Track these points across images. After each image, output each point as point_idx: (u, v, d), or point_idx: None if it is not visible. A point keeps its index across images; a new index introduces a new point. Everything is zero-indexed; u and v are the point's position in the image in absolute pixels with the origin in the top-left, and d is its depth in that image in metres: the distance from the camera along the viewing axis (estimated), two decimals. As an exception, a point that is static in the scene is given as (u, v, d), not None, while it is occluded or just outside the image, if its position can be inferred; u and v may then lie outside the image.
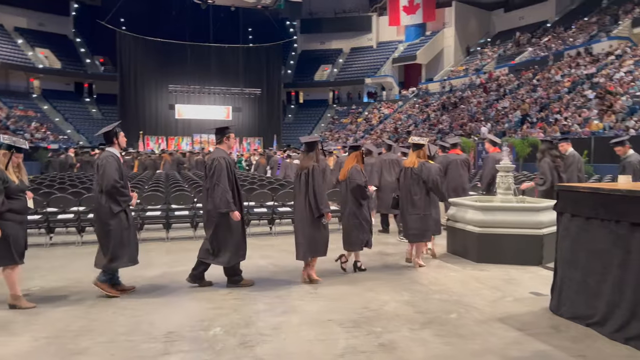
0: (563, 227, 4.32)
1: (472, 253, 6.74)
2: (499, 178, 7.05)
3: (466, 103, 37.25)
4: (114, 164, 5.19)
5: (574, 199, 4.16)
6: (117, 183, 5.12)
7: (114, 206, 5.14)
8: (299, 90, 54.14)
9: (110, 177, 5.09)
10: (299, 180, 5.84)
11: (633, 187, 3.89)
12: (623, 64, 28.16)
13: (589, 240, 4.02)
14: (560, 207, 4.36)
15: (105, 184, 5.10)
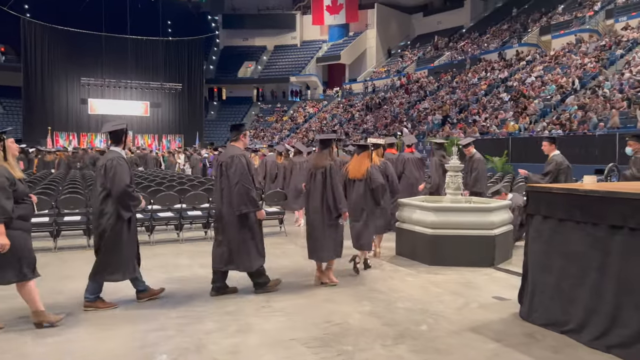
0: (534, 230, 4.16)
1: (424, 255, 6.55)
2: (448, 178, 6.91)
3: (389, 104, 38.03)
4: (125, 166, 4.79)
5: (546, 201, 4.01)
6: (129, 187, 4.73)
7: (123, 212, 4.72)
8: (222, 87, 52.76)
9: (122, 180, 4.68)
10: (313, 180, 5.62)
11: (611, 188, 3.79)
12: (534, 69, 29.92)
13: (563, 243, 3.87)
14: (531, 209, 4.20)
15: (117, 189, 4.66)
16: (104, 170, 4.72)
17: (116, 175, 4.67)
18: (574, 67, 26.99)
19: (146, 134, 43.48)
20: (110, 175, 4.67)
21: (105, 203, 4.71)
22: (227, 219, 5.14)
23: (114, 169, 4.68)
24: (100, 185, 4.74)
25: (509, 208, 6.95)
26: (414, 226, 6.74)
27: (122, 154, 4.88)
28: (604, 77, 24.19)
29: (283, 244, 8.16)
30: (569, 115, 22.11)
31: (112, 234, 4.69)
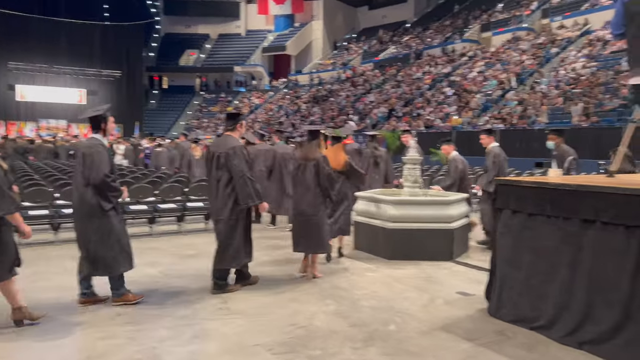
0: (503, 225, 4.08)
1: (383, 249, 6.42)
2: (406, 171, 6.81)
3: (335, 96, 38.00)
4: (105, 154, 4.54)
5: (516, 194, 3.93)
6: (107, 177, 4.48)
7: (103, 202, 4.47)
8: (163, 75, 50.94)
9: (100, 169, 4.44)
10: (302, 173, 5.48)
11: (584, 181, 3.75)
12: (475, 64, 30.74)
13: (533, 238, 3.81)
14: (500, 203, 4.12)
15: (94, 177, 4.43)
16: (83, 159, 4.50)
17: (94, 164, 4.43)
18: (513, 64, 27.92)
19: (82, 124, 41.22)
20: (88, 164, 4.45)
21: (86, 192, 4.47)
22: (230, 215, 4.94)
23: (91, 157, 4.45)
24: (80, 173, 4.52)
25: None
26: (372, 220, 6.60)
27: (102, 142, 4.61)
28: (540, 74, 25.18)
29: None
30: (510, 110, 22.86)
31: (99, 225, 4.46)
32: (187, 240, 7.76)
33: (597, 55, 23.72)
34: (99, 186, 4.43)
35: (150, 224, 8.06)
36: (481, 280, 5.37)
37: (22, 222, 3.95)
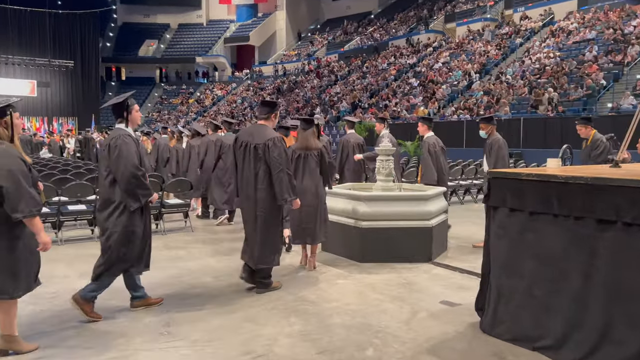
0: (498, 225, 3.45)
1: (355, 251, 5.74)
2: (379, 163, 6.13)
3: (300, 87, 37.30)
4: (132, 145, 4.03)
5: (514, 190, 3.30)
6: (137, 170, 3.97)
7: (131, 202, 3.94)
8: (121, 66, 49.32)
9: (129, 162, 3.93)
10: (302, 162, 5.35)
11: (600, 173, 3.14)
12: (440, 55, 30.53)
13: (536, 241, 3.19)
14: (494, 200, 3.47)
15: (122, 172, 3.92)
16: (108, 151, 3.99)
17: (121, 157, 3.92)
18: (477, 54, 27.79)
19: (34, 117, 39.11)
20: (114, 157, 3.94)
21: (112, 190, 3.97)
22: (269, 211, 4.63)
23: (118, 150, 3.93)
24: (106, 168, 4.01)
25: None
26: (342, 218, 5.91)
27: (128, 132, 4.12)
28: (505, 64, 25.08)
29: (191, 243, 6.98)
30: (476, 100, 22.63)
31: (121, 227, 3.95)
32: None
33: (561, 46, 23.75)
34: (127, 182, 3.91)
35: (92, 226, 7.12)
36: (466, 285, 4.78)
37: (41, 228, 3.24)
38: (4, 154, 3.10)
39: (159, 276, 5.01)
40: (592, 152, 6.42)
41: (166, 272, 5.28)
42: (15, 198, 3.04)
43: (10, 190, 3.03)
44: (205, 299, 4.52)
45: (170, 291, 4.69)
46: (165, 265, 5.58)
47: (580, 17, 25.48)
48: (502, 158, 6.49)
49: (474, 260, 5.78)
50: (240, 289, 4.78)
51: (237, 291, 4.74)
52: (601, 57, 20.43)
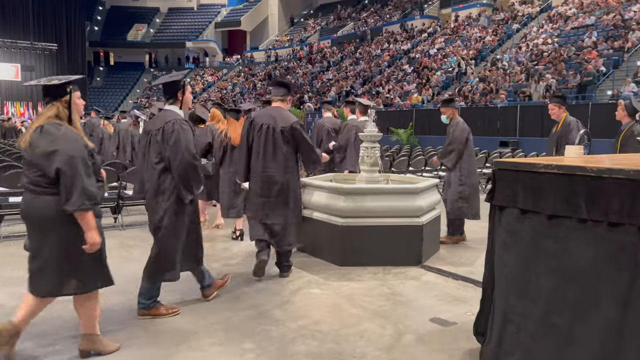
0: (506, 230, 2.69)
1: (333, 252, 4.99)
2: (363, 150, 5.34)
3: (292, 74, 36.45)
4: (189, 130, 3.69)
5: (529, 185, 2.53)
6: (195, 160, 3.63)
7: (184, 192, 3.60)
8: (109, 51, 48.18)
9: (187, 151, 3.57)
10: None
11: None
12: (435, 41, 29.75)
13: (556, 252, 2.44)
14: (500, 197, 2.71)
15: (180, 161, 3.54)
16: (162, 135, 3.56)
17: (179, 143, 3.52)
18: (473, 40, 27.06)
19: (18, 101, 37.96)
20: (172, 143, 3.52)
21: (164, 179, 3.58)
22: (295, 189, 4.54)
23: (176, 135, 3.52)
24: (157, 155, 3.58)
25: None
26: (318, 213, 5.14)
27: (181, 115, 3.71)
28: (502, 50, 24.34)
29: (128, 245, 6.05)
30: (471, 87, 21.90)
31: (171, 219, 3.58)
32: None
33: (559, 32, 23.04)
34: (184, 172, 3.53)
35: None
36: (461, 297, 4.04)
37: (92, 226, 2.80)
38: (65, 138, 2.73)
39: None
40: (562, 138, 5.68)
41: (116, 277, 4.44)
42: (69, 187, 2.67)
43: (67, 176, 2.67)
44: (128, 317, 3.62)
45: (119, 300, 3.90)
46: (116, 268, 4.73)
47: (579, 2, 24.70)
48: (459, 143, 5.80)
49: (470, 262, 5.05)
50: (187, 300, 3.95)
51: (182, 302, 3.91)
52: (601, 43, 19.77)
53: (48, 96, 2.79)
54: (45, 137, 2.71)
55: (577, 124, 5.70)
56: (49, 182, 2.73)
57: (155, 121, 3.71)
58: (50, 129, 2.72)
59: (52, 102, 2.78)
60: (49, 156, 2.68)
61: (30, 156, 2.76)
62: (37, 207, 2.76)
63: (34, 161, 2.74)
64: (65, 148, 2.69)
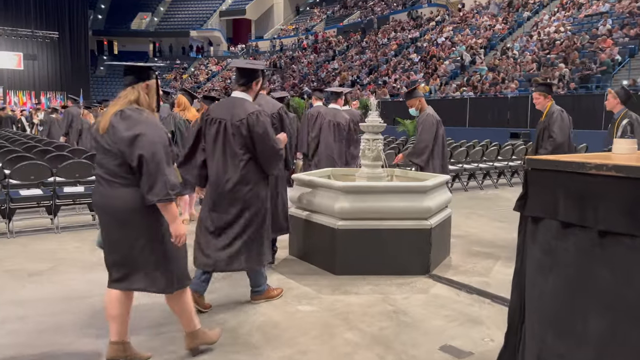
0: (542, 249, 2.06)
1: (328, 259, 4.37)
2: (364, 143, 4.73)
3: (297, 63, 35.83)
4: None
5: (573, 192, 1.92)
6: (282, 151, 3.57)
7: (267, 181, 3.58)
8: (113, 40, 47.76)
9: (276, 141, 3.50)
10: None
11: None
12: (443, 29, 29.00)
13: (613, 281, 1.83)
14: (534, 206, 2.08)
15: (269, 151, 3.46)
16: (247, 126, 3.40)
17: (267, 135, 3.43)
18: (483, 29, 26.28)
19: (20, 90, 37.57)
20: (260, 133, 3.39)
21: (249, 169, 3.45)
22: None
23: (263, 126, 3.42)
24: (241, 146, 3.43)
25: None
26: (312, 214, 4.54)
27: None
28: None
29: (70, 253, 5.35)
30: (480, 77, 21.18)
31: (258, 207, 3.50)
32: (51, 244, 5.33)
33: (572, 19, 22.25)
34: (275, 162, 3.49)
35: (4, 218, 5.70)
36: (477, 316, 3.44)
37: (177, 217, 2.60)
38: (148, 123, 2.55)
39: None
40: (545, 130, 5.21)
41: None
42: (153, 176, 2.48)
43: (151, 164, 2.48)
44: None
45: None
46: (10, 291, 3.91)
47: (594, -11, 23.83)
48: (430, 139, 5.42)
49: (485, 271, 4.44)
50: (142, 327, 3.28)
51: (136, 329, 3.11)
52: (615, 31, 18.98)
53: (131, 77, 2.62)
54: (127, 121, 2.51)
55: (561, 113, 5.23)
56: (129, 171, 2.53)
57: (227, 109, 3.44)
58: (132, 114, 2.54)
59: (133, 85, 2.61)
60: (132, 141, 2.47)
61: (108, 143, 2.54)
62: (117, 198, 2.54)
63: (114, 148, 2.52)
64: (148, 134, 2.49)
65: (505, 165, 10.33)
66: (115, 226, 2.58)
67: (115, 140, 2.50)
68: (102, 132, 2.55)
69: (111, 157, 2.54)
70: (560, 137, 5.11)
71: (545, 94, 5.34)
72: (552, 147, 5.11)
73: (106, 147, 2.54)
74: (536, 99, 5.42)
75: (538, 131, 5.40)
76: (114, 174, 2.54)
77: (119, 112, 2.55)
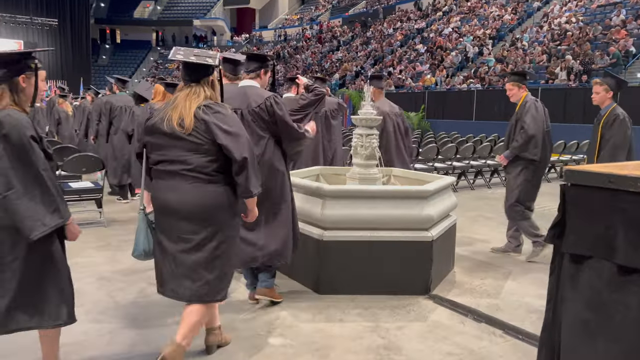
0: (586, 301, 1.38)
1: (310, 275, 3.73)
2: (356, 139, 4.08)
3: (301, 53, 35.20)
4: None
5: (638, 221, 1.30)
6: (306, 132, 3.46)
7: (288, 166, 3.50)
8: (116, 28, 47.33)
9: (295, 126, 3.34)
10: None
11: None
12: (450, 20, 28.28)
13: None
14: (575, 240, 1.44)
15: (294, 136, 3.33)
16: (266, 109, 3.28)
17: (286, 120, 3.26)
18: (491, 19, 25.53)
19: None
20: (281, 115, 3.25)
21: (274, 153, 3.29)
22: None
23: (283, 108, 3.29)
24: (264, 129, 3.29)
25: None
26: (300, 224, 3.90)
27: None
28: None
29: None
30: (488, 69, 20.45)
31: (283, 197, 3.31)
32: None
33: (583, 9, 21.51)
34: (297, 144, 3.39)
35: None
36: (487, 354, 2.81)
37: (254, 207, 2.68)
38: (235, 119, 2.59)
39: None
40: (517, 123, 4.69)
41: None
42: (253, 171, 2.53)
43: (251, 162, 2.51)
44: None
45: None
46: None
47: (607, -22, 22.98)
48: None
49: (495, 291, 3.82)
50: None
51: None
52: (630, 22, 18.24)
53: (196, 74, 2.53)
54: (221, 118, 2.48)
55: (535, 103, 4.70)
56: (218, 168, 2.50)
57: (239, 98, 3.31)
58: (220, 109, 2.52)
59: (200, 80, 2.53)
60: (234, 140, 2.46)
61: (199, 139, 2.45)
62: (206, 196, 2.47)
63: (206, 144, 2.46)
64: (243, 133, 2.54)
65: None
66: (195, 226, 2.45)
67: (210, 137, 2.45)
68: (189, 129, 2.44)
69: (202, 153, 2.46)
70: (533, 129, 4.57)
71: (519, 84, 4.81)
72: (523, 140, 4.59)
73: (196, 142, 2.45)
74: (510, 90, 4.87)
75: (510, 124, 4.86)
76: (203, 171, 2.47)
77: (204, 107, 2.47)
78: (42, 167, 2.17)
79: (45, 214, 2.15)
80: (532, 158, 4.57)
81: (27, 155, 2.14)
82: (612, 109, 4.44)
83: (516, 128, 4.72)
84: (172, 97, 2.57)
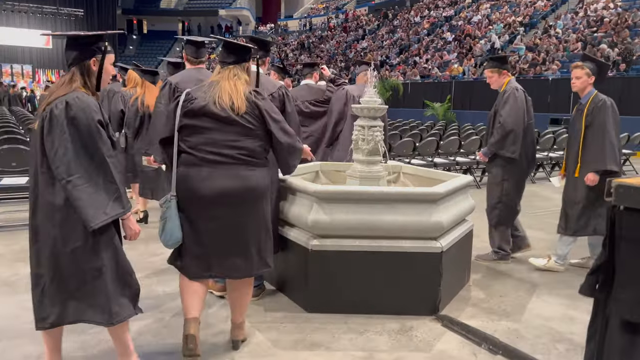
0: None
1: (299, 290, 3.23)
2: (357, 131, 3.55)
3: (326, 42, 34.64)
4: None
5: None
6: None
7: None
8: (142, 19, 47.66)
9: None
10: None
11: None
12: (480, 7, 27.30)
13: None
14: (625, 302, 0.96)
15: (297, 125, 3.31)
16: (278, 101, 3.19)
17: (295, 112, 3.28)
18: (523, 6, 24.48)
19: (49, 69, 37.54)
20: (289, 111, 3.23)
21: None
22: None
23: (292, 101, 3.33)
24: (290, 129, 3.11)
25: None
26: (287, 228, 3.36)
27: None
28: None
29: None
30: (518, 58, 19.51)
31: None
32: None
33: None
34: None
35: None
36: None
37: None
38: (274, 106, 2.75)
39: None
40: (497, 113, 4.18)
41: None
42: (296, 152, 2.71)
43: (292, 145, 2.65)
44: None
45: None
46: None
47: (649, -40, 21.66)
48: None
49: (516, 310, 3.24)
50: None
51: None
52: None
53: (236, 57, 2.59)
54: (268, 105, 2.58)
55: (515, 92, 4.11)
56: (264, 152, 2.58)
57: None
58: (266, 96, 2.63)
59: (238, 64, 2.59)
60: (282, 126, 2.59)
61: (252, 123, 2.50)
62: (255, 179, 2.51)
63: (259, 129, 2.52)
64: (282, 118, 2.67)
65: (545, 156, 8.84)
66: (241, 209, 2.48)
67: (261, 122, 2.50)
68: (241, 110, 2.46)
69: (253, 137, 2.50)
70: (511, 122, 4.02)
71: (500, 70, 4.26)
72: (500, 135, 4.05)
73: (247, 127, 2.47)
74: (489, 77, 4.32)
75: (489, 116, 4.32)
76: (253, 154, 2.50)
77: (253, 92, 2.53)
78: (108, 154, 2.11)
79: (108, 202, 2.10)
80: (510, 156, 4.04)
81: (94, 139, 2.08)
82: (594, 94, 3.88)
83: (494, 121, 4.18)
84: (209, 80, 2.57)
